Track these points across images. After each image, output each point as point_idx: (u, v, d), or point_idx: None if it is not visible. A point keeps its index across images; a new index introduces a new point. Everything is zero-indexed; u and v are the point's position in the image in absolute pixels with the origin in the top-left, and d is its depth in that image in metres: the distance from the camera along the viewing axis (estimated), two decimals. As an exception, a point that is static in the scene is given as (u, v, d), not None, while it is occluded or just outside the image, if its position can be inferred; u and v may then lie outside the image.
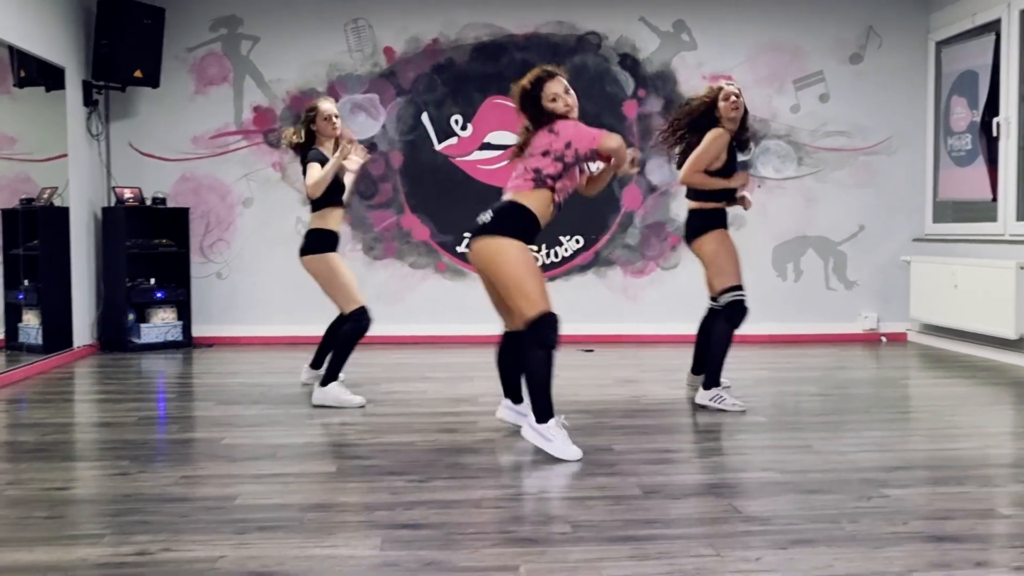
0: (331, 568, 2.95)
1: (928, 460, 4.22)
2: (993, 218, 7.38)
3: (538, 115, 4.28)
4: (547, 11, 8.31)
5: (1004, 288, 6.88)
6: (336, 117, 5.76)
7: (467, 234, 4.15)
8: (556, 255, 8.41)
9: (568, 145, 4.21)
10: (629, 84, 8.37)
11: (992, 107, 7.35)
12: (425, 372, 6.71)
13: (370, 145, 8.28)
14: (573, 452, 4.21)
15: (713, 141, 5.31)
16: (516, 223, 4.22)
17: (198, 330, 8.26)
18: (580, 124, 4.29)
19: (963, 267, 7.41)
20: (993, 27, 7.36)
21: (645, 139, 8.37)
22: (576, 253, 8.43)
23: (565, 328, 8.15)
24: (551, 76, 4.32)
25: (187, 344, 8.12)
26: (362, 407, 5.48)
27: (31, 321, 7.56)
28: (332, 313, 6.02)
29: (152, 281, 8.07)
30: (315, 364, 6.17)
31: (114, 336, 7.90)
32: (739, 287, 5.36)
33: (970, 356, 7.41)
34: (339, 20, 8.30)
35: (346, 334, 5.58)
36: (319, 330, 7.83)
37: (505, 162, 8.26)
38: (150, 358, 7.58)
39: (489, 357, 4.57)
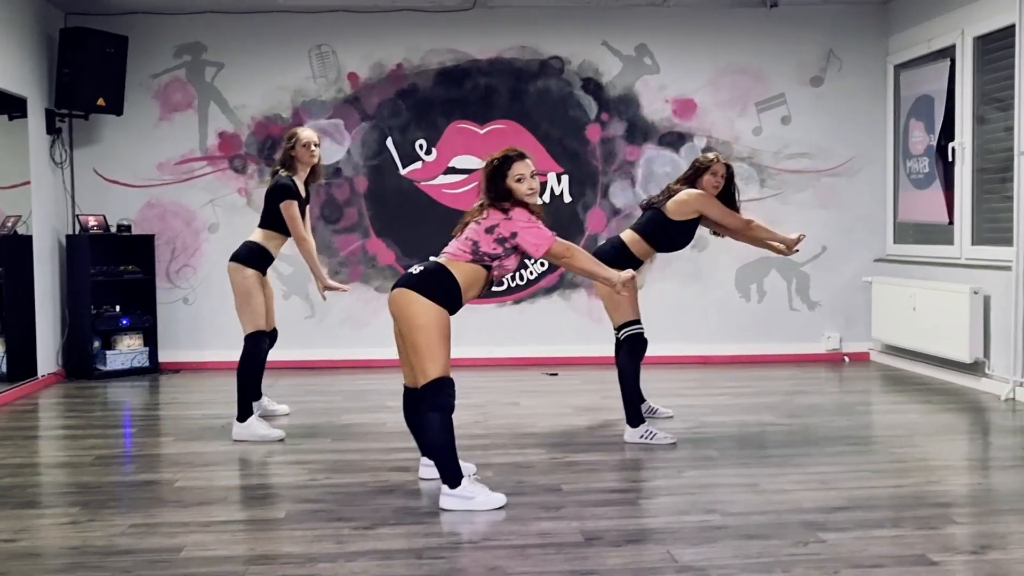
0: (265, 630, 3.00)
1: (869, 499, 4.28)
2: (950, 241, 7.47)
3: (499, 191, 4.29)
4: (510, 36, 8.36)
5: (959, 312, 6.97)
6: (316, 145, 5.84)
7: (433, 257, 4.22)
8: (521, 278, 8.46)
9: (513, 235, 4.25)
10: (592, 108, 8.43)
11: (948, 132, 7.44)
12: (387, 400, 6.73)
13: (335, 170, 8.32)
14: (497, 499, 4.23)
15: (710, 200, 5.55)
16: (440, 289, 4.19)
17: (164, 356, 8.29)
18: (535, 221, 4.29)
19: (920, 290, 7.50)
20: (948, 53, 7.45)
21: (608, 162, 8.44)
22: (541, 276, 8.49)
23: (532, 349, 8.29)
24: (521, 157, 4.32)
25: (153, 370, 8.14)
26: (281, 440, 5.53)
27: (-6, 349, 7.57)
28: (303, 337, 6.07)
29: (117, 308, 8.09)
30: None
31: (79, 363, 7.92)
32: (636, 321, 5.53)
33: (929, 378, 7.50)
34: (303, 46, 8.34)
35: (240, 364, 5.65)
36: (287, 354, 7.94)
37: (471, 185, 8.33)
38: (115, 386, 7.61)
39: (455, 380, 4.56)
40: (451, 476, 4.22)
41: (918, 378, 7.55)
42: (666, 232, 5.61)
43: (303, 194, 5.86)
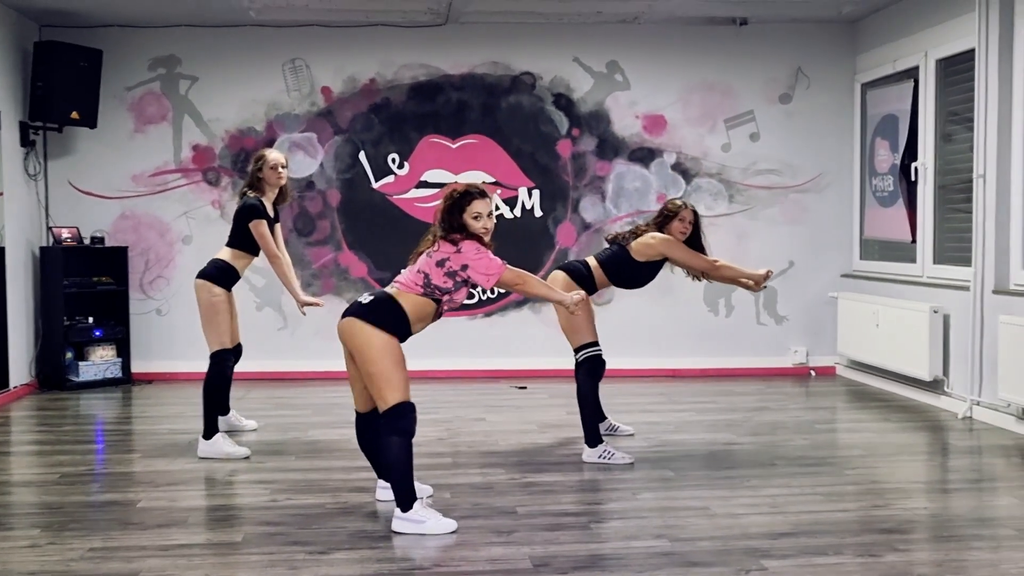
0: (211, 661, 3.08)
1: (814, 524, 4.38)
2: (913, 259, 7.59)
3: (453, 225, 4.37)
4: (482, 52, 8.45)
5: (919, 330, 7.09)
6: (283, 167, 5.92)
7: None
8: (492, 291, 8.55)
9: (464, 267, 4.34)
10: (563, 123, 8.52)
11: (911, 151, 7.55)
12: (352, 414, 6.81)
13: (308, 183, 8.40)
14: (447, 524, 4.30)
15: (675, 245, 5.68)
16: (388, 318, 4.26)
17: (137, 366, 8.35)
18: (484, 251, 4.37)
19: (883, 307, 7.61)
20: (912, 74, 7.56)
21: (579, 177, 8.54)
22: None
23: (502, 362, 8.37)
24: (482, 195, 4.39)
25: (126, 381, 8.20)
26: (247, 458, 5.61)
27: (-32, 360, 7.61)
28: (275, 348, 6.12)
29: (91, 319, 8.14)
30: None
31: (52, 374, 7.98)
32: (595, 343, 5.67)
33: (891, 394, 7.62)
34: (277, 60, 8.40)
35: (206, 382, 5.75)
36: (260, 365, 8.02)
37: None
38: (87, 397, 7.67)
39: (424, 395, 4.62)
40: (405, 499, 4.31)
41: (880, 394, 7.67)
42: (627, 270, 5.77)
43: (271, 214, 5.93)
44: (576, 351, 5.69)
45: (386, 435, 4.30)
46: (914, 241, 7.57)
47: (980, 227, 6.62)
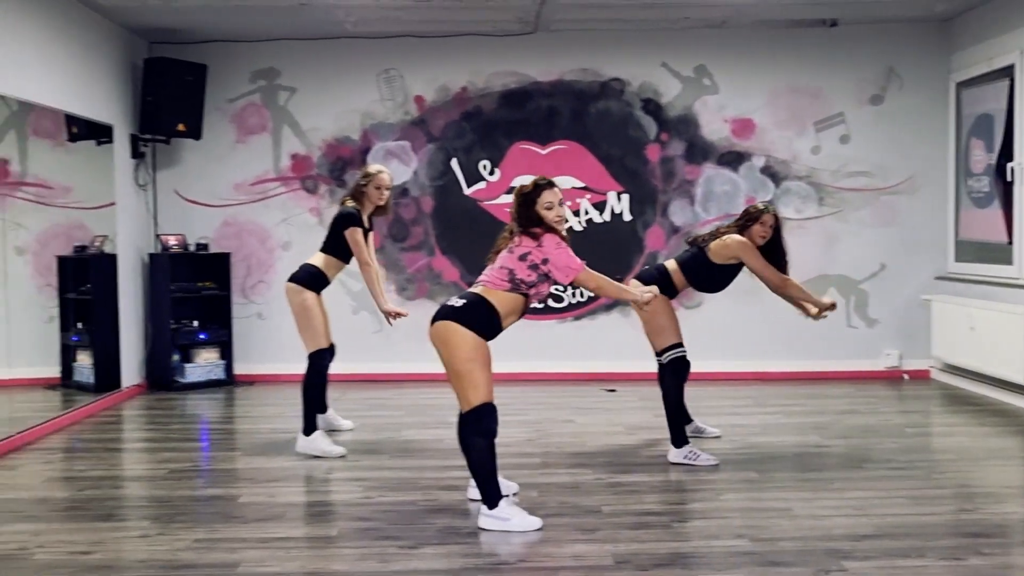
0: (307, 645, 3.26)
1: (899, 527, 4.40)
2: (1009, 261, 7.47)
3: (528, 218, 4.51)
4: (571, 59, 8.57)
5: (1014, 333, 6.98)
6: (387, 190, 6.13)
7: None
8: (582, 295, 8.66)
9: (545, 261, 4.47)
10: (652, 128, 8.59)
11: (1007, 151, 7.44)
12: (447, 416, 6.95)
13: (402, 191, 8.62)
14: (532, 522, 4.44)
15: (751, 251, 5.71)
16: (479, 318, 4.41)
17: (240, 368, 8.68)
18: (565, 247, 4.51)
19: (978, 309, 7.51)
20: (1008, 72, 7.45)
21: (668, 181, 8.60)
22: (601, 293, 8.66)
23: (592, 365, 8.46)
24: (550, 186, 4.54)
25: (229, 382, 8.54)
26: (342, 457, 5.82)
27: (84, 361, 8.03)
28: (370, 350, 6.26)
29: (196, 323, 8.50)
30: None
31: (160, 376, 8.35)
32: (679, 344, 5.72)
33: (986, 398, 7.51)
34: (372, 71, 8.65)
35: (305, 382, 5.97)
36: (356, 367, 8.28)
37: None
38: (193, 398, 8.01)
39: (514, 397, 4.69)
40: (490, 497, 4.45)
41: (975, 398, 7.57)
42: (704, 272, 5.81)
43: (367, 224, 6.14)
44: (660, 353, 5.78)
45: (469, 436, 4.45)
46: (1011, 243, 7.45)
47: (1077, 228, 6.50)
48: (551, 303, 8.67)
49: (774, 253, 5.79)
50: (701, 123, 8.56)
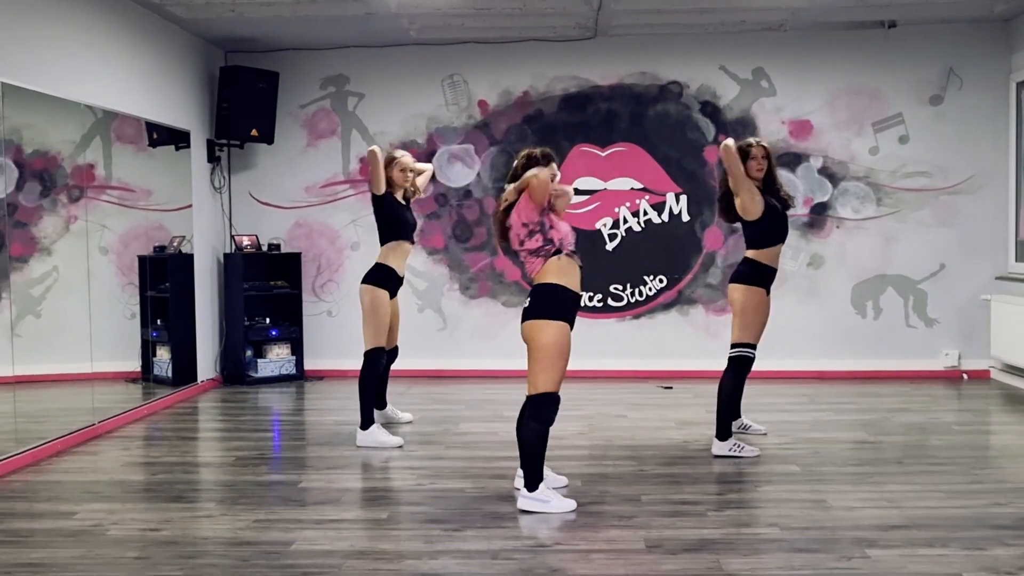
0: (348, 614, 3.53)
1: (928, 519, 4.52)
2: (1067, 261, 7.47)
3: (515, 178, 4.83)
4: (630, 63, 8.75)
5: (1069, 334, 6.99)
6: (411, 172, 6.41)
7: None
8: (640, 294, 8.84)
9: (524, 222, 4.73)
10: (710, 130, 8.73)
11: (1065, 151, 7.43)
12: (504, 410, 7.23)
13: (466, 192, 8.89)
14: (568, 504, 4.70)
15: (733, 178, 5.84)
16: (548, 303, 4.67)
17: (310, 364, 9.04)
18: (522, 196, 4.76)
19: (1036, 309, 7.52)
20: (1065, 72, 7.45)
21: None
22: (659, 292, 8.84)
23: (650, 363, 8.61)
24: (547, 161, 4.82)
25: (299, 377, 8.90)
26: (400, 447, 6.10)
27: (163, 356, 8.45)
28: (435, 347, 6.50)
29: (268, 320, 8.88)
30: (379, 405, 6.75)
31: (234, 370, 8.74)
32: (752, 345, 5.86)
33: (1043, 397, 7.53)
34: (436, 76, 8.94)
35: (361, 377, 6.27)
36: (421, 363, 8.58)
37: (594, 205, 8.79)
38: (265, 392, 8.37)
39: (572, 393, 4.85)
40: (533, 480, 4.69)
41: (1033, 397, 7.59)
42: (752, 232, 5.92)
43: (403, 201, 6.45)
44: (733, 345, 5.88)
45: (528, 419, 4.69)
46: (1068, 242, 7.45)
47: None
48: (611, 302, 8.85)
49: (772, 184, 5.90)
50: (759, 125, 8.67)
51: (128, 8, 7.35)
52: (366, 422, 6.21)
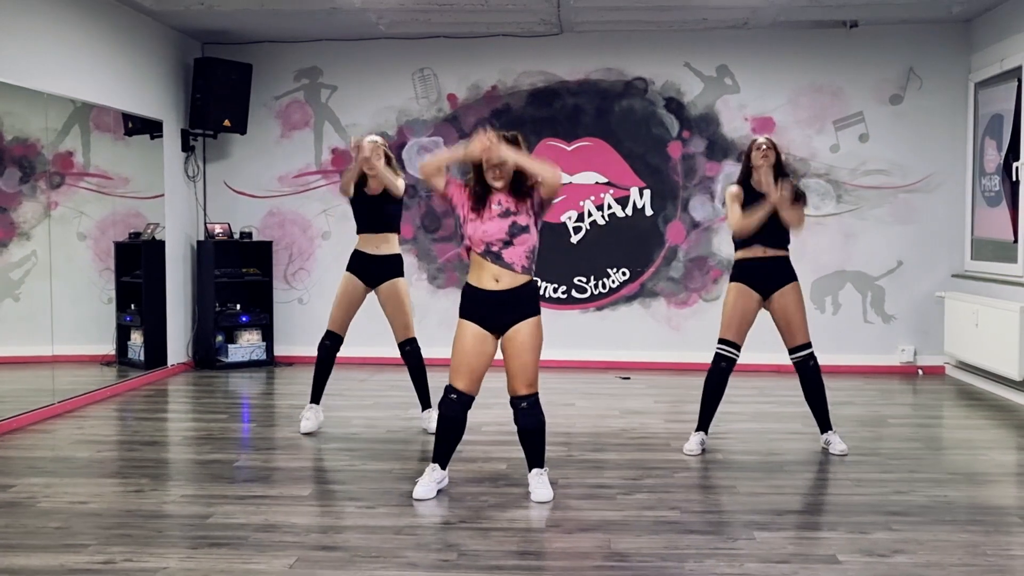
0: (240, 582, 3.72)
1: (826, 505, 4.70)
2: (1015, 259, 7.57)
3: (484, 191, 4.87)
4: (597, 59, 8.90)
5: (1009, 329, 7.10)
6: (379, 159, 6.18)
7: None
8: (604, 286, 8.99)
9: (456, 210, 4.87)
10: (674, 126, 8.87)
11: (1014, 151, 7.54)
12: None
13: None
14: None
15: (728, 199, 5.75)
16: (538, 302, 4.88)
17: (280, 349, 9.24)
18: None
19: (982, 307, 7.63)
20: (1016, 73, 7.54)
21: (689, 177, 8.87)
22: (622, 285, 9.00)
23: (611, 354, 8.74)
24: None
25: (269, 363, 9.10)
26: (305, 434, 6.22)
27: (136, 340, 8.67)
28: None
29: (239, 307, 9.08)
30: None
31: (205, 355, 8.96)
32: (729, 344, 5.92)
33: (987, 393, 7.64)
34: (407, 70, 9.11)
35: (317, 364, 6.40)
36: (385, 352, 8.73)
37: (560, 199, 8.93)
38: (234, 376, 8.58)
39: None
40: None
41: (978, 393, 7.69)
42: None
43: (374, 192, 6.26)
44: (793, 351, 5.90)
45: (540, 413, 4.80)
46: (1016, 241, 7.55)
47: (1070, 227, 6.60)
48: (575, 294, 9.00)
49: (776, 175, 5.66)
50: (722, 121, 8.81)
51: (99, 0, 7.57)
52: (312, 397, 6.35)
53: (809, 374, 5.79)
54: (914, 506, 4.67)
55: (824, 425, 5.82)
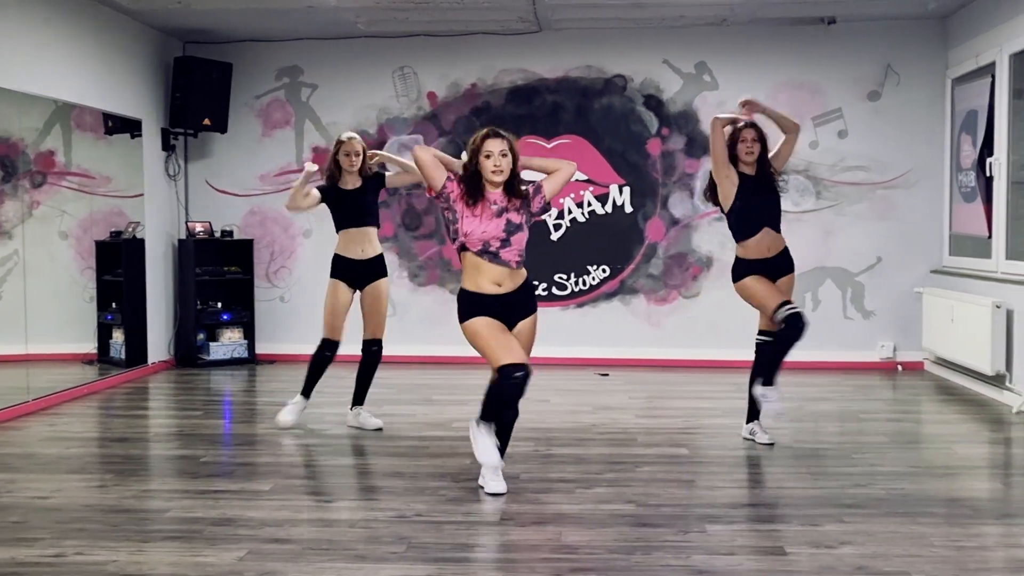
0: (187, 573, 3.73)
1: (782, 498, 4.69)
2: (989, 254, 7.57)
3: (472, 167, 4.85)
4: (576, 56, 8.92)
5: (981, 325, 7.11)
6: (356, 156, 6.26)
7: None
8: (584, 283, 9.01)
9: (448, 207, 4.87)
10: (653, 123, 8.88)
11: (988, 146, 7.54)
12: (433, 395, 7.44)
13: (416, 183, 9.06)
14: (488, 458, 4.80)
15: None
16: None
17: (262, 348, 9.27)
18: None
19: (957, 302, 7.64)
20: (990, 69, 7.55)
21: (668, 174, 8.88)
22: (602, 282, 9.01)
23: (591, 351, 8.75)
24: (495, 136, 4.81)
25: (251, 361, 9.13)
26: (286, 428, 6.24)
27: (117, 339, 8.70)
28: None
29: (220, 305, 9.11)
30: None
31: (186, 353, 8.99)
32: (763, 332, 6.15)
33: (963, 388, 7.65)
34: (387, 68, 9.14)
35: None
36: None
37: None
38: (215, 374, 8.61)
39: None
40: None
41: (955, 388, 7.70)
42: (730, 222, 5.82)
43: (349, 186, 6.31)
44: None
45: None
46: (990, 236, 7.56)
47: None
48: (555, 291, 9.02)
49: (765, 169, 5.77)
50: (701, 118, 8.81)
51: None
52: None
53: (791, 320, 5.81)
54: (870, 499, 4.68)
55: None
